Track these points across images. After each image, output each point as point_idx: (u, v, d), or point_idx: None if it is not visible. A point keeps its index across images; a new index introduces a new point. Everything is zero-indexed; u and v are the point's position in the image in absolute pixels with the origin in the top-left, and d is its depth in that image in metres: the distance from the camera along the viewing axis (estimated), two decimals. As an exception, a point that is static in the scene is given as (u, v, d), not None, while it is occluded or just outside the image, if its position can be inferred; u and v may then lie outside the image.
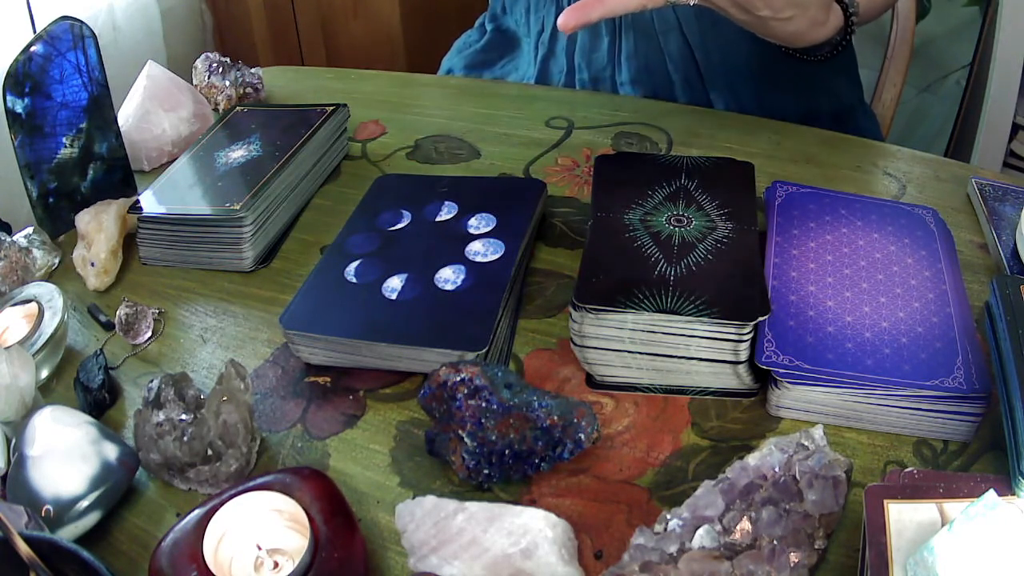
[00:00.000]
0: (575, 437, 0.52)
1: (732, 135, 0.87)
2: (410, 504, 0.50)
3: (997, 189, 0.75)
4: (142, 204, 0.75)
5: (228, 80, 0.98)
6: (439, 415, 0.54)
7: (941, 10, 1.73)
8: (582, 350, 0.58)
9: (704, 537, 0.45)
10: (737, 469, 0.48)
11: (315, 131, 0.83)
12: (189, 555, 0.46)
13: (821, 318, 0.57)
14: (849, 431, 0.55)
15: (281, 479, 0.50)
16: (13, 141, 0.74)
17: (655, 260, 0.59)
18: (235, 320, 0.70)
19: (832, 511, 0.46)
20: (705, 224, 0.63)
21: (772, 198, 0.69)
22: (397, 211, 0.73)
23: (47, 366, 0.66)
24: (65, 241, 0.80)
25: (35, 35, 0.74)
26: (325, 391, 0.62)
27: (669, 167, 0.70)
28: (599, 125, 0.91)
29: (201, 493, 0.55)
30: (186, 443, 0.54)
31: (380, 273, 0.66)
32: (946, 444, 0.54)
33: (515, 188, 0.78)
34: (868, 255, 0.63)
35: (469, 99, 1.00)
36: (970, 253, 0.70)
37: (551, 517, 0.48)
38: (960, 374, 0.53)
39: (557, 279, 0.70)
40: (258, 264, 0.75)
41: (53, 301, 0.68)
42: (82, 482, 0.52)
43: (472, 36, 1.16)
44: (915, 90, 1.83)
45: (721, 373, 0.57)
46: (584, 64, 1.00)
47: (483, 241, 0.68)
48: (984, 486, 0.43)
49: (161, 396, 0.56)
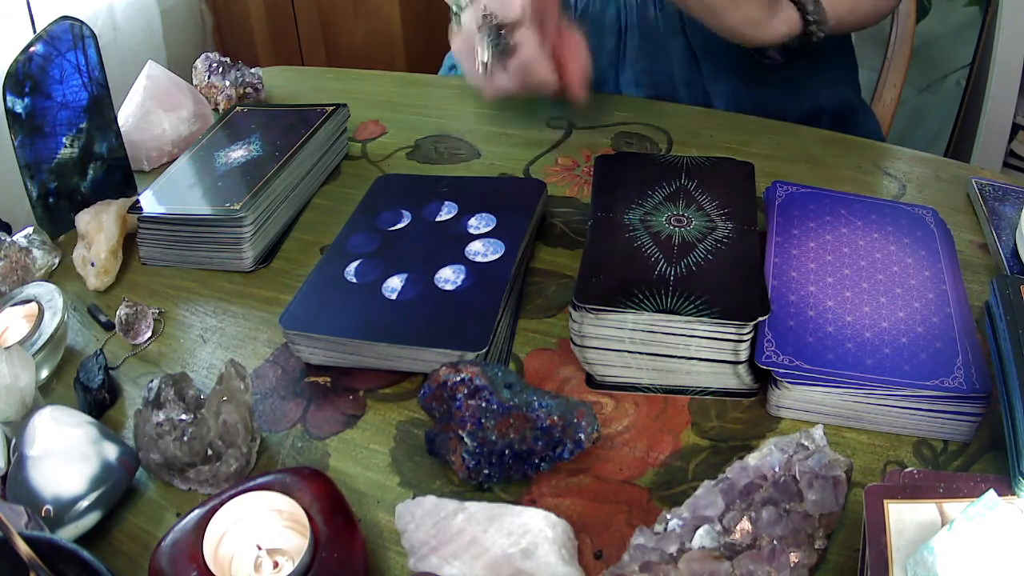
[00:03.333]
0: (575, 437, 0.52)
1: (732, 135, 0.87)
2: (410, 504, 0.50)
3: (997, 189, 0.75)
4: (142, 204, 0.75)
5: (228, 80, 0.97)
6: (439, 415, 0.54)
7: (941, 10, 1.73)
8: (582, 350, 0.58)
9: (704, 537, 0.45)
10: (737, 469, 0.48)
11: (315, 131, 0.83)
12: (189, 555, 0.46)
13: (821, 318, 0.57)
14: (849, 431, 0.55)
15: (281, 479, 0.50)
16: (13, 141, 0.74)
17: (655, 260, 0.59)
18: (235, 320, 0.70)
19: (832, 511, 0.46)
20: (705, 224, 0.63)
21: (772, 198, 0.69)
22: (397, 211, 0.73)
23: (47, 366, 0.66)
24: (65, 241, 0.80)
25: (35, 35, 0.74)
26: (325, 391, 0.62)
27: (669, 167, 0.70)
28: (599, 125, 0.91)
29: (201, 493, 0.55)
30: (186, 443, 0.54)
31: (380, 273, 0.66)
32: (946, 444, 0.54)
33: (515, 188, 0.78)
34: (868, 255, 0.63)
35: (469, 99, 1.00)
36: (970, 253, 0.70)
37: (551, 517, 0.48)
38: (960, 374, 0.53)
39: (557, 279, 0.70)
40: (258, 264, 0.75)
41: (53, 301, 0.68)
42: (82, 482, 0.52)
43: None
44: (915, 90, 1.83)
45: (721, 373, 0.57)
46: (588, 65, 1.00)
47: (483, 241, 0.68)
48: (984, 486, 0.43)
49: (161, 396, 0.56)
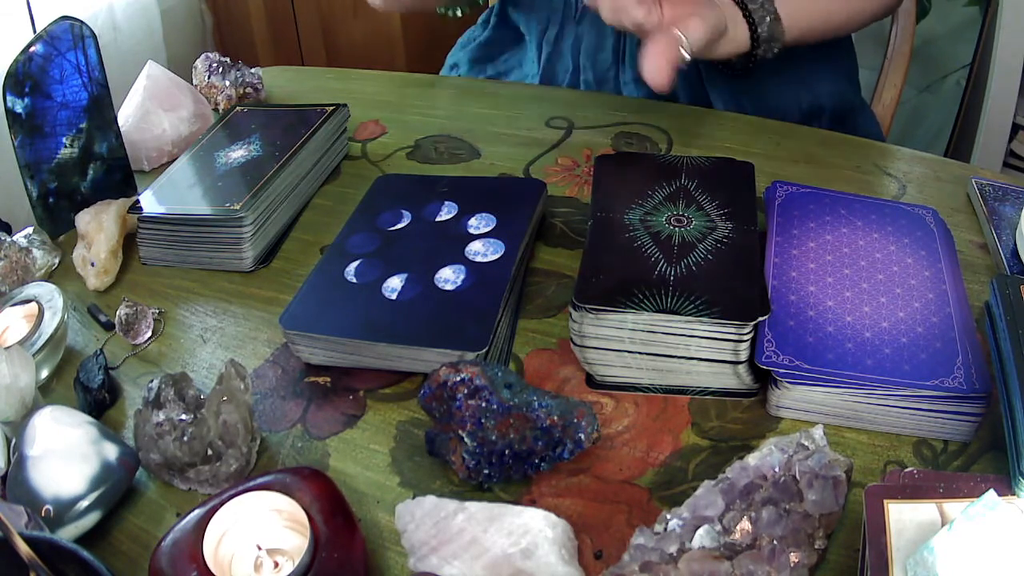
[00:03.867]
0: (575, 437, 0.52)
1: (732, 135, 0.87)
2: (410, 504, 0.50)
3: (997, 189, 0.75)
4: (142, 204, 0.75)
5: (228, 80, 0.97)
6: (439, 415, 0.54)
7: (941, 10, 1.74)
8: (582, 350, 0.58)
9: (704, 537, 0.45)
10: (737, 469, 0.48)
11: (315, 131, 0.83)
12: (189, 555, 0.46)
13: (821, 318, 0.57)
14: (849, 431, 0.55)
15: (281, 479, 0.50)
16: (13, 141, 0.74)
17: (655, 260, 0.59)
18: (235, 320, 0.70)
19: (832, 511, 0.46)
20: (705, 224, 0.63)
21: (772, 198, 0.69)
22: (397, 211, 0.73)
23: (47, 366, 0.66)
24: (65, 241, 0.80)
25: (35, 35, 0.74)
26: (325, 391, 0.62)
27: (669, 167, 0.70)
28: (599, 125, 0.91)
29: (201, 493, 0.55)
30: (186, 443, 0.54)
31: (380, 273, 0.66)
32: (946, 444, 0.54)
33: (515, 188, 0.78)
34: (868, 255, 0.63)
35: (469, 99, 1.00)
36: (970, 253, 0.70)
37: (551, 517, 0.48)
38: (960, 374, 0.53)
39: (557, 279, 0.70)
40: (258, 264, 0.75)
41: (53, 301, 0.68)
42: (82, 482, 0.52)
43: (476, 31, 1.16)
44: (915, 90, 1.83)
45: (721, 373, 0.57)
46: (589, 64, 1.00)
47: (483, 241, 0.68)
48: (984, 486, 0.43)
49: (161, 396, 0.56)
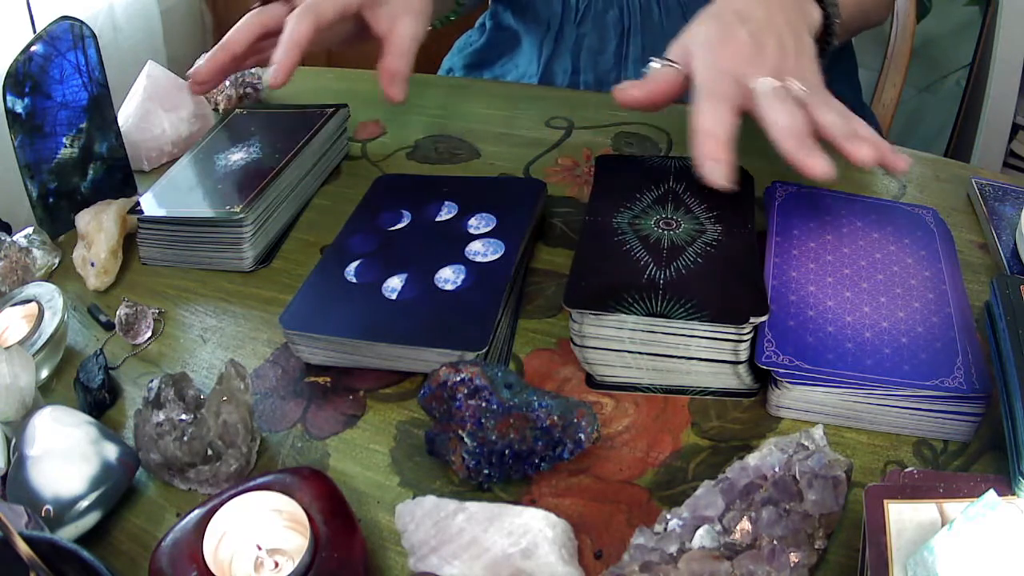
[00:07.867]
0: (575, 437, 0.52)
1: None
2: (410, 504, 0.50)
3: (997, 189, 0.75)
4: (142, 206, 0.75)
5: (228, 80, 0.97)
6: (439, 415, 0.54)
7: (941, 10, 1.74)
8: (582, 350, 0.58)
9: (704, 537, 0.45)
10: (737, 469, 0.48)
11: (315, 132, 0.83)
12: (189, 555, 0.46)
13: (821, 318, 0.57)
14: (849, 431, 0.55)
15: (281, 479, 0.50)
16: (13, 141, 0.74)
17: (644, 264, 0.59)
18: (235, 320, 0.70)
19: (832, 511, 0.46)
20: (694, 227, 0.62)
21: (772, 198, 0.69)
22: (397, 211, 0.73)
23: (47, 366, 0.66)
24: (65, 241, 0.80)
25: (35, 35, 0.74)
26: (325, 391, 0.62)
27: (659, 170, 0.69)
28: (599, 125, 0.91)
29: (201, 493, 0.55)
30: (186, 443, 0.54)
31: (380, 273, 0.66)
32: (946, 444, 0.54)
33: (515, 188, 0.78)
34: (868, 255, 0.63)
35: (469, 99, 1.00)
36: (970, 253, 0.70)
37: (551, 517, 0.48)
38: (960, 374, 0.53)
39: (557, 279, 0.70)
40: (258, 264, 0.75)
41: (53, 301, 0.68)
42: (82, 482, 0.52)
43: (472, 35, 1.16)
44: (915, 90, 1.83)
45: (721, 373, 0.57)
46: (590, 66, 1.00)
47: (483, 241, 0.68)
48: (984, 486, 0.43)
49: (161, 396, 0.56)
